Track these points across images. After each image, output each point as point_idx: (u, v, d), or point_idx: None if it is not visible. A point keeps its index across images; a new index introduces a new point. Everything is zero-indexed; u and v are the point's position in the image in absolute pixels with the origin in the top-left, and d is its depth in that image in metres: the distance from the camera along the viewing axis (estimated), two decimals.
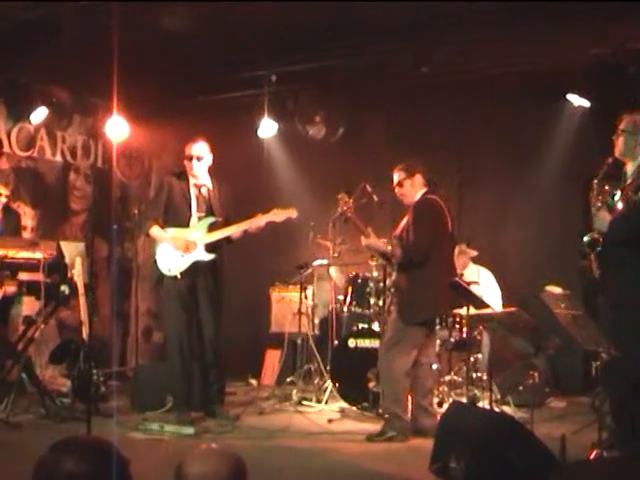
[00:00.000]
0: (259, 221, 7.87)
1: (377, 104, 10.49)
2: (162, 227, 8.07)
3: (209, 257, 7.97)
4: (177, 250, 7.97)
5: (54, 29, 8.78)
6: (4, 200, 8.91)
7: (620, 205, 6.15)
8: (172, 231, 8.05)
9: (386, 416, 7.44)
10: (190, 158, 8.04)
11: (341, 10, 8.31)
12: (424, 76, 9.44)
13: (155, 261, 8.15)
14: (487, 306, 8.34)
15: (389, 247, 7.53)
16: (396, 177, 7.56)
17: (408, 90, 10.01)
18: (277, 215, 7.87)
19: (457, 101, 9.91)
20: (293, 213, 7.90)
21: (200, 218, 8.06)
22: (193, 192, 8.11)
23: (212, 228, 8.00)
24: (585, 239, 6.40)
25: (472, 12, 8.20)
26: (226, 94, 10.57)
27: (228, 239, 8.02)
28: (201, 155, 8.05)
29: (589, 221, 6.44)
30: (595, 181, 6.35)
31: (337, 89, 10.32)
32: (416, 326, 7.30)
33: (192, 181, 8.13)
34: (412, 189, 7.50)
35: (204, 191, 8.14)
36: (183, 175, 8.16)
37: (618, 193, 6.17)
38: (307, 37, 9.09)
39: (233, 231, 7.94)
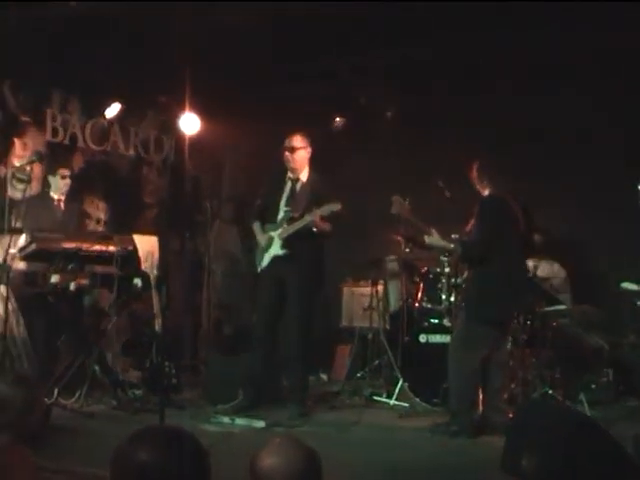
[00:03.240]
0: (314, 215, 7.82)
1: (451, 98, 10.39)
2: (264, 223, 8.29)
3: (283, 252, 8.02)
4: (261, 246, 8.21)
5: (129, 26, 8.90)
6: (68, 182, 8.99)
7: None
8: (267, 227, 8.23)
9: (453, 412, 7.41)
10: (284, 150, 8.12)
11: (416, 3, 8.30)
12: (499, 70, 9.39)
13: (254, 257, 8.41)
14: (560, 302, 8.27)
15: (451, 245, 7.48)
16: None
17: (482, 84, 9.92)
18: (324, 210, 7.80)
19: (531, 93, 9.79)
20: (336, 207, 7.79)
21: (285, 213, 8.12)
22: (288, 186, 8.21)
23: (290, 223, 8.05)
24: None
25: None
26: (298, 88, 10.59)
27: (311, 234, 8.00)
28: (295, 146, 8.10)
29: None
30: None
31: (410, 82, 10.27)
32: (485, 325, 7.24)
33: (289, 174, 8.22)
34: (481, 187, 7.44)
35: (298, 185, 8.19)
36: (285, 169, 8.26)
37: None
38: (380, 31, 9.07)
39: (297, 227, 7.93)
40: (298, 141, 8.14)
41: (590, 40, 8.80)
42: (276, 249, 8.06)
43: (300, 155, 8.13)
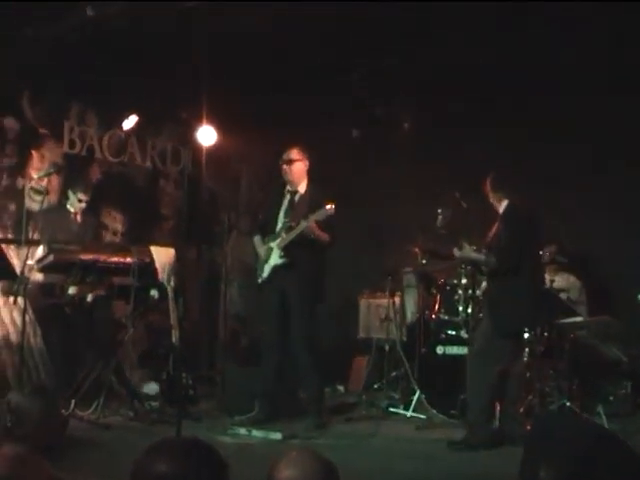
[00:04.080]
0: (309, 220, 7.84)
1: (465, 109, 10.36)
2: (264, 236, 8.36)
3: (282, 261, 8.06)
4: (262, 257, 8.27)
5: (144, 38, 8.93)
6: (84, 206, 9.00)
7: None
8: (267, 239, 8.29)
9: (471, 424, 7.38)
10: (282, 164, 8.19)
11: (430, 11, 8.31)
12: (511, 77, 9.40)
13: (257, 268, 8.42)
14: (577, 314, 8.23)
15: (483, 257, 7.45)
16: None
17: (498, 92, 9.89)
18: (318, 215, 7.81)
19: (543, 101, 9.75)
20: (330, 210, 7.78)
21: (284, 223, 8.15)
22: (287, 199, 8.29)
23: (288, 232, 8.08)
24: None
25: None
26: (315, 100, 10.60)
27: (310, 242, 7.99)
28: (292, 159, 8.19)
29: None
30: None
31: (426, 93, 10.26)
32: (511, 337, 7.23)
33: (287, 187, 8.30)
34: (496, 200, 7.42)
35: (296, 197, 8.23)
36: (284, 182, 8.34)
37: None
38: (396, 41, 9.08)
39: (294, 234, 7.96)
40: (295, 154, 8.25)
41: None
42: (275, 259, 8.12)
43: (297, 167, 8.23)
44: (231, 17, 8.45)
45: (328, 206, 7.70)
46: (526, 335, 7.86)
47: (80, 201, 8.92)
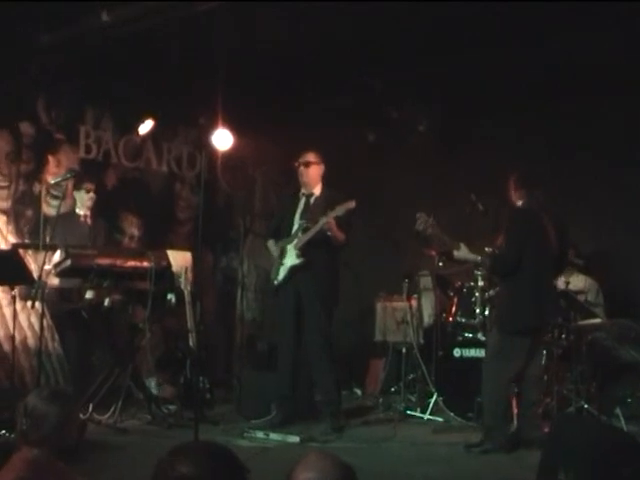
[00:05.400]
0: (327, 218, 7.83)
1: (479, 111, 10.35)
2: (278, 240, 8.36)
3: (299, 261, 8.04)
4: (276, 260, 8.28)
5: (159, 42, 8.96)
6: (93, 196, 9.01)
7: None
8: (282, 241, 8.28)
9: (487, 427, 7.34)
10: (299, 165, 8.22)
11: (445, 16, 8.30)
12: (527, 84, 9.38)
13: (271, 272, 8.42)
14: (595, 316, 8.19)
15: (478, 258, 7.44)
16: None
17: (510, 94, 9.87)
18: (338, 210, 7.79)
19: (555, 104, 9.73)
20: (351, 205, 7.80)
21: (300, 224, 8.17)
22: (302, 201, 8.30)
23: (305, 232, 8.09)
24: None
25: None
26: (330, 103, 10.61)
27: (326, 241, 7.99)
28: (309, 161, 8.23)
29: None
30: None
31: (442, 97, 10.26)
32: (518, 336, 7.18)
33: (302, 190, 8.32)
34: (515, 198, 7.41)
35: (312, 199, 8.24)
36: (298, 187, 8.38)
37: None
38: (413, 46, 9.07)
39: (312, 232, 7.95)
40: (312, 157, 8.30)
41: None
42: (292, 259, 8.09)
43: (314, 170, 8.27)
44: (246, 21, 8.47)
45: (351, 203, 7.73)
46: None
47: (88, 191, 8.88)
